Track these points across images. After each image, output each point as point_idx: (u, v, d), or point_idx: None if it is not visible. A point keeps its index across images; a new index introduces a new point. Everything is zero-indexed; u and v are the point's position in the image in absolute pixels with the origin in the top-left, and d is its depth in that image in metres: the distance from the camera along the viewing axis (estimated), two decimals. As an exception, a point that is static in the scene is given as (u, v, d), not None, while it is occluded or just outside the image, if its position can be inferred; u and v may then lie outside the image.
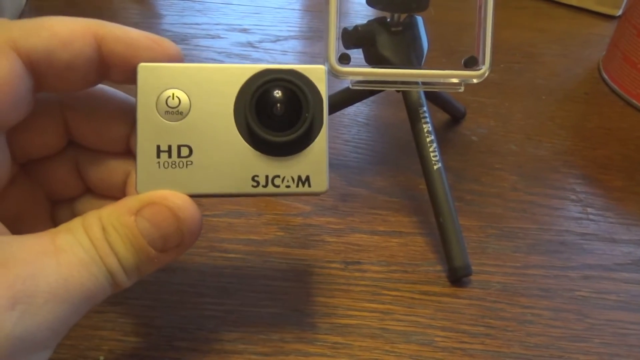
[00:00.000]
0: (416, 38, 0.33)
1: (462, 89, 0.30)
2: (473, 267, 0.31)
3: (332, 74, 0.29)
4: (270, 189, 0.21)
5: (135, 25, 0.66)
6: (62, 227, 0.19)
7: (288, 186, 0.21)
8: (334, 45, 0.28)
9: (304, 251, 0.32)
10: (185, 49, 0.54)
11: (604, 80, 0.53)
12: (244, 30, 0.59)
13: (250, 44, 0.56)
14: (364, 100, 0.48)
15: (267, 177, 0.21)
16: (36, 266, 0.17)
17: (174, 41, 0.60)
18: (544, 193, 0.38)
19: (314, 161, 0.21)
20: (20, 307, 0.16)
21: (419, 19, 0.33)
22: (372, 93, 0.35)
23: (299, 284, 0.30)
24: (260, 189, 0.21)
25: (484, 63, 0.30)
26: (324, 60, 0.29)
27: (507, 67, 0.54)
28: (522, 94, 0.50)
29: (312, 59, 0.54)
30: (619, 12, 0.66)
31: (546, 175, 0.40)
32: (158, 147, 0.20)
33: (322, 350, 0.27)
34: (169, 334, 0.27)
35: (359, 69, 0.29)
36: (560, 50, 0.59)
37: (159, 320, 0.28)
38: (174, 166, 0.21)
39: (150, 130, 0.20)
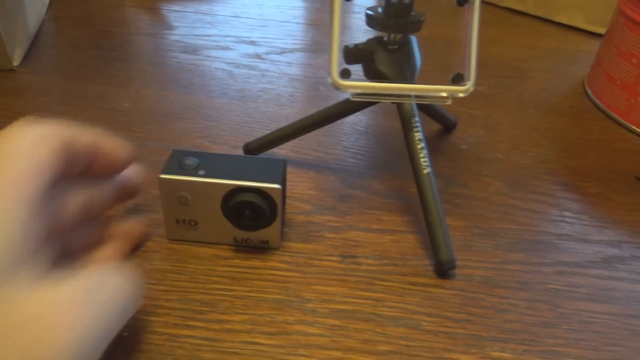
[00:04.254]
0: (410, 55, 0.36)
1: (449, 102, 0.34)
2: (458, 262, 0.35)
3: (334, 87, 0.33)
4: (244, 243, 0.35)
5: (148, 36, 0.70)
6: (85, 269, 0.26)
7: (255, 244, 0.35)
8: (337, 62, 0.32)
9: (306, 245, 0.36)
10: (196, 59, 0.58)
11: (587, 95, 0.56)
12: (252, 43, 0.63)
13: (257, 56, 0.60)
14: (363, 110, 0.51)
15: (242, 238, 0.35)
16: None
17: (185, 51, 0.64)
18: (526, 198, 0.41)
19: (271, 234, 0.34)
20: None
21: (413, 39, 0.37)
22: (370, 104, 0.38)
23: (300, 274, 0.34)
24: (238, 243, 0.35)
25: (469, 79, 0.33)
26: (327, 74, 0.33)
27: (497, 82, 0.58)
28: (510, 107, 0.53)
29: (316, 70, 0.58)
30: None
31: (529, 182, 0.43)
32: (177, 219, 0.34)
33: (320, 331, 0.30)
34: (184, 315, 0.31)
35: (358, 83, 0.33)
36: (548, 66, 0.63)
37: (175, 302, 0.31)
38: (187, 228, 0.35)
39: (171, 211, 0.34)
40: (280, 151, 0.44)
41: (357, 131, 0.48)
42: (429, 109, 0.44)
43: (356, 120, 0.49)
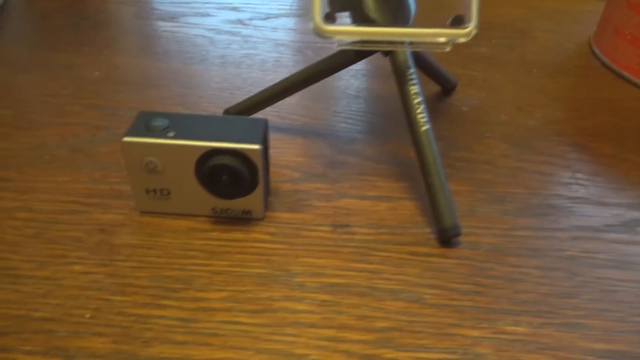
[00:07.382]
0: None
1: (448, 49, 0.30)
2: (462, 230, 0.31)
3: (317, 33, 0.29)
4: (224, 214, 0.31)
5: (123, 4, 0.65)
6: None
7: (236, 214, 0.31)
8: (319, 4, 0.28)
9: (293, 215, 0.32)
10: (174, 26, 0.54)
11: (594, 54, 0.52)
12: (234, 9, 0.59)
13: (240, 22, 0.56)
14: (354, 74, 0.47)
15: (222, 208, 0.31)
16: None
17: (162, 19, 0.59)
18: (533, 160, 0.38)
19: (254, 202, 0.31)
20: None
21: (407, -18, 0.33)
22: (359, 57, 0.34)
23: (287, 246, 0.30)
24: (217, 214, 0.31)
25: (470, 21, 0.29)
26: (309, 19, 0.29)
27: (499, 42, 0.54)
28: (513, 68, 0.50)
29: (303, 35, 0.54)
30: (610, -10, 0.66)
31: (536, 144, 0.39)
32: (147, 189, 0.30)
33: (310, 307, 0.27)
34: (155, 294, 0.27)
35: (343, 28, 0.29)
36: (551, 26, 0.59)
37: (146, 280, 0.28)
38: (159, 198, 0.31)
39: (139, 180, 0.30)
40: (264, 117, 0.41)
41: (348, 95, 0.44)
42: (426, 66, 0.40)
43: (347, 84, 0.46)
